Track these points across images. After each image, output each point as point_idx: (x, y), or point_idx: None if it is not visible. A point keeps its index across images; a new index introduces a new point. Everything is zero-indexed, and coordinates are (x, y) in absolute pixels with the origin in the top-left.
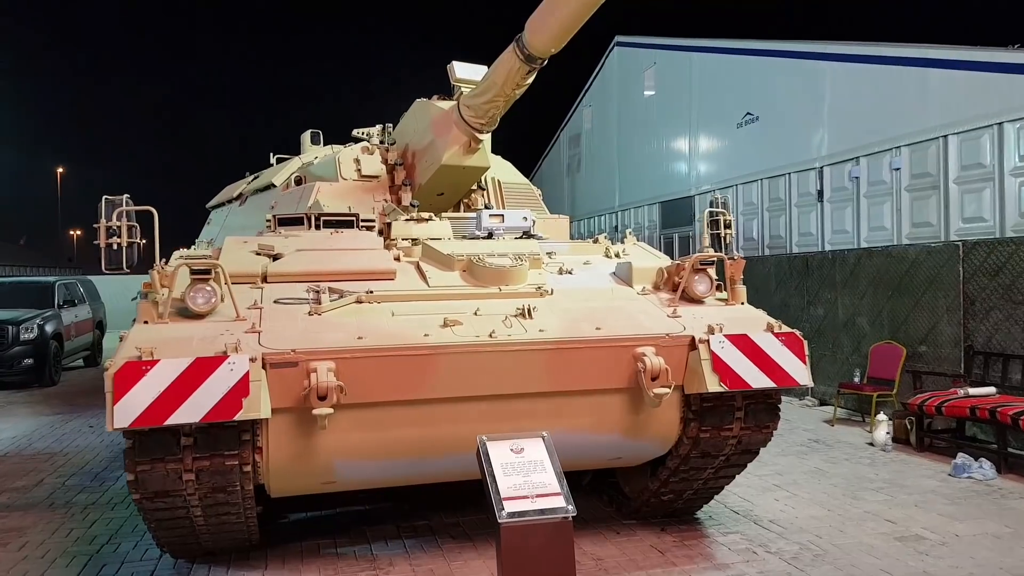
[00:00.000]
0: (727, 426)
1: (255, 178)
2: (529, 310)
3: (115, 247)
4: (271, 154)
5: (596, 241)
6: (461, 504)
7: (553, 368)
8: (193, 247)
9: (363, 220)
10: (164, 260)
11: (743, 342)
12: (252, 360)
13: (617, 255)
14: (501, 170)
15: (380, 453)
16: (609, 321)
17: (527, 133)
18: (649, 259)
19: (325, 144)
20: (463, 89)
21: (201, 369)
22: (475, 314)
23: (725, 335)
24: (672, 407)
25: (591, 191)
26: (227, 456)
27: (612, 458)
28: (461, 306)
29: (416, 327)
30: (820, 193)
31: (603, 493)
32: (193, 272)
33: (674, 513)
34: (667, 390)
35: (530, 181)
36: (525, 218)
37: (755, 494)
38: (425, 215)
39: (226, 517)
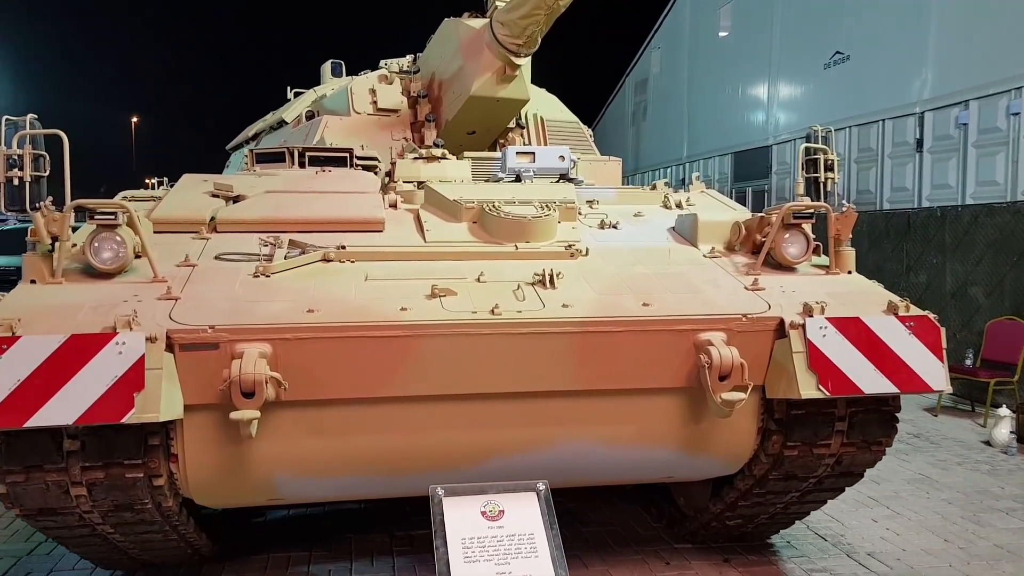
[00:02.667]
0: (823, 442)
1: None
2: (551, 277)
3: (16, 182)
4: (288, 88)
5: (653, 188)
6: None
7: (580, 359)
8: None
9: (369, 159)
10: (51, 199)
11: (854, 329)
12: (150, 340)
13: (679, 206)
14: (544, 105)
15: (336, 468)
16: (662, 294)
17: (589, 79)
18: (721, 211)
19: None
20: (497, 3)
21: (78, 351)
22: (477, 280)
23: (828, 318)
24: (746, 415)
25: (657, 141)
26: (127, 466)
27: (660, 477)
28: (462, 269)
29: (393, 297)
30: (919, 142)
31: (651, 505)
32: (93, 216)
33: (741, 537)
34: (741, 396)
35: (592, 131)
36: (562, 157)
37: (846, 511)
38: (437, 152)
39: (148, 536)
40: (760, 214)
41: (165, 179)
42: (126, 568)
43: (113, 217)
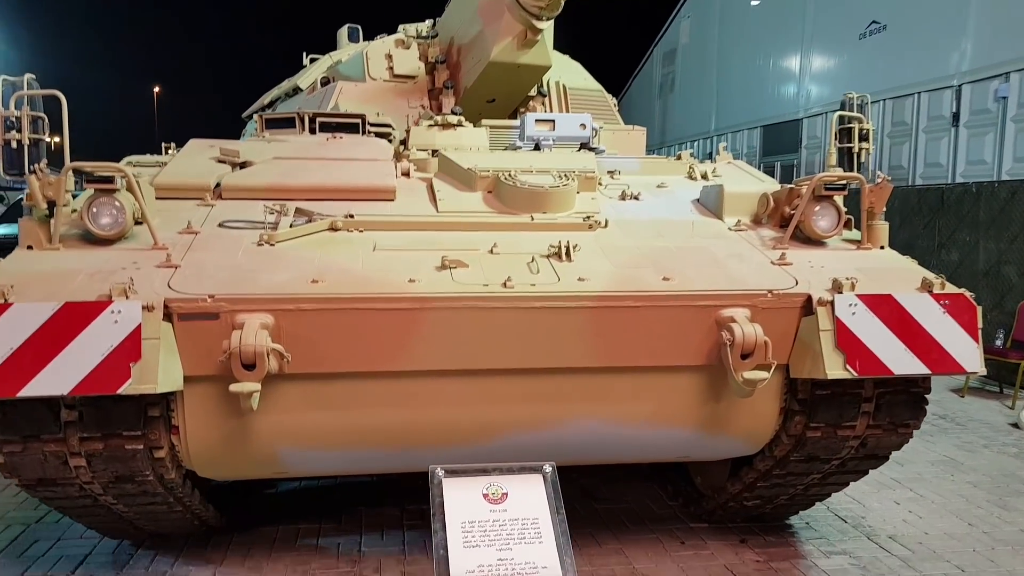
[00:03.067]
0: (848, 423)
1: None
2: (568, 249)
3: (14, 145)
4: (304, 54)
5: (678, 158)
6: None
7: (596, 335)
8: None
9: (383, 126)
10: (46, 162)
11: (885, 306)
12: (147, 309)
13: (704, 177)
14: (567, 72)
15: (341, 442)
16: (684, 268)
17: (616, 49)
18: (748, 182)
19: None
20: None
21: (72, 319)
22: (490, 252)
23: (858, 295)
24: (768, 395)
25: (685, 114)
26: (127, 438)
27: (677, 456)
28: (475, 240)
29: (401, 268)
30: (955, 116)
31: (667, 482)
32: (91, 180)
33: (759, 518)
34: (764, 375)
35: (617, 103)
36: (583, 125)
37: (868, 492)
38: (453, 119)
39: (152, 508)
40: (789, 185)
41: (173, 144)
42: (133, 538)
43: (111, 181)
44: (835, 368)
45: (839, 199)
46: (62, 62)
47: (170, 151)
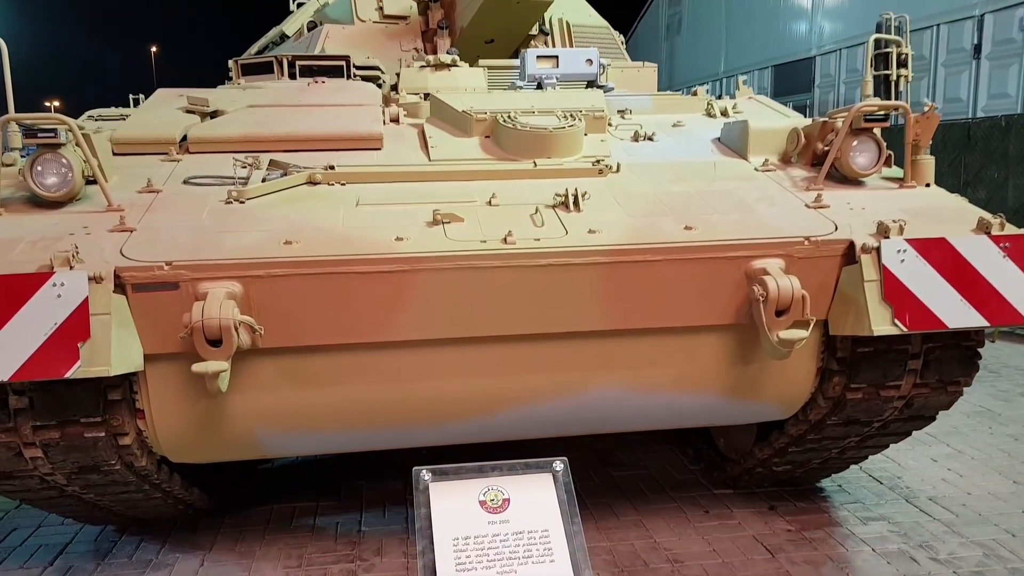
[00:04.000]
0: (892, 383)
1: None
2: (576, 197)
3: None
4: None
5: (694, 94)
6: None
7: (610, 293)
8: None
9: (370, 68)
10: None
11: (938, 251)
12: (94, 280)
13: (724, 113)
14: (570, 9)
15: (326, 423)
16: (708, 215)
17: None
18: (774, 118)
19: None
20: None
21: (8, 294)
22: (489, 204)
23: (907, 240)
24: (804, 354)
25: (693, 56)
26: (85, 425)
27: (701, 423)
28: (471, 191)
29: (387, 225)
30: (976, 48)
31: (688, 445)
32: (30, 134)
33: (788, 482)
34: (802, 334)
35: (624, 47)
36: (590, 61)
37: (903, 450)
38: (447, 59)
39: (126, 496)
40: (822, 118)
41: (142, 96)
42: (115, 524)
43: (53, 135)
44: (882, 323)
45: (879, 132)
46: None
47: (140, 103)
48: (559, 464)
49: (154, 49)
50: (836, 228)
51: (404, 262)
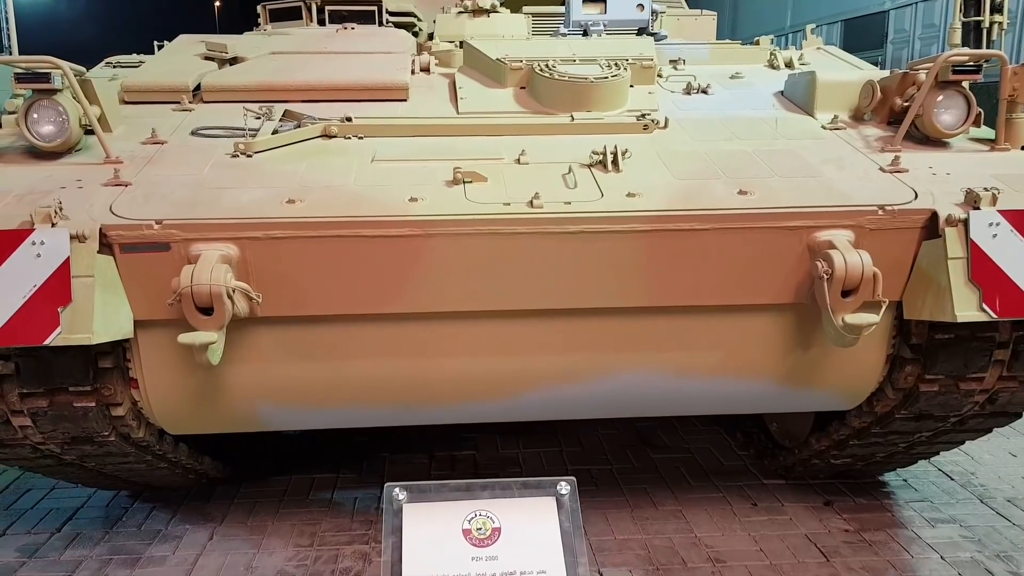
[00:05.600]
0: (974, 374)
1: None
2: (616, 156)
3: None
4: None
5: (756, 44)
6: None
7: (651, 266)
8: None
9: (404, 15)
10: None
11: None
12: (77, 238)
13: (789, 65)
14: None
15: (331, 398)
16: (766, 178)
17: None
18: (845, 69)
19: None
20: None
21: None
22: (517, 162)
23: (1001, 211)
24: (873, 339)
25: (757, 10)
26: (74, 394)
27: (751, 411)
28: (499, 147)
29: (402, 184)
30: None
31: (736, 428)
32: (23, 79)
33: (847, 474)
34: (872, 319)
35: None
36: (641, 6)
37: (978, 442)
38: (486, 3)
39: (128, 466)
40: (903, 71)
41: (166, 43)
42: (126, 490)
43: (47, 80)
44: (967, 307)
45: (967, 85)
46: None
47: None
48: (565, 486)
49: (217, 3)
50: (916, 196)
51: (416, 225)
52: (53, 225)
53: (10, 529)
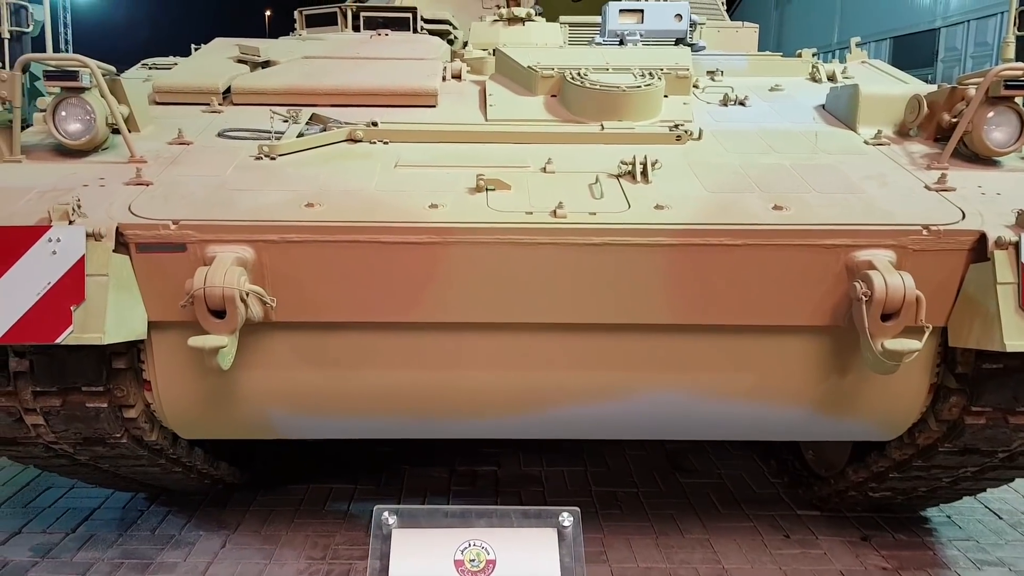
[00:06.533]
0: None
1: None
2: (646, 167)
3: None
4: None
5: (798, 56)
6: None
7: (678, 281)
8: None
9: (440, 22)
10: None
11: None
12: (93, 236)
13: (831, 79)
14: None
15: (346, 407)
16: (804, 193)
17: None
18: (889, 83)
19: None
20: None
21: (4, 248)
22: (543, 170)
23: None
24: (915, 367)
25: (804, 26)
26: (87, 394)
27: (783, 438)
28: (526, 155)
29: (423, 190)
30: None
31: (769, 454)
32: (51, 76)
33: (886, 507)
34: (914, 345)
35: (728, 15)
36: (679, 16)
37: None
38: (522, 12)
39: (142, 469)
40: (951, 85)
41: (203, 45)
42: (143, 492)
43: (75, 78)
44: (1018, 336)
45: (1020, 101)
46: None
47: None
48: (568, 517)
49: (268, 13)
50: (963, 216)
51: (434, 232)
52: (71, 223)
53: (26, 527)
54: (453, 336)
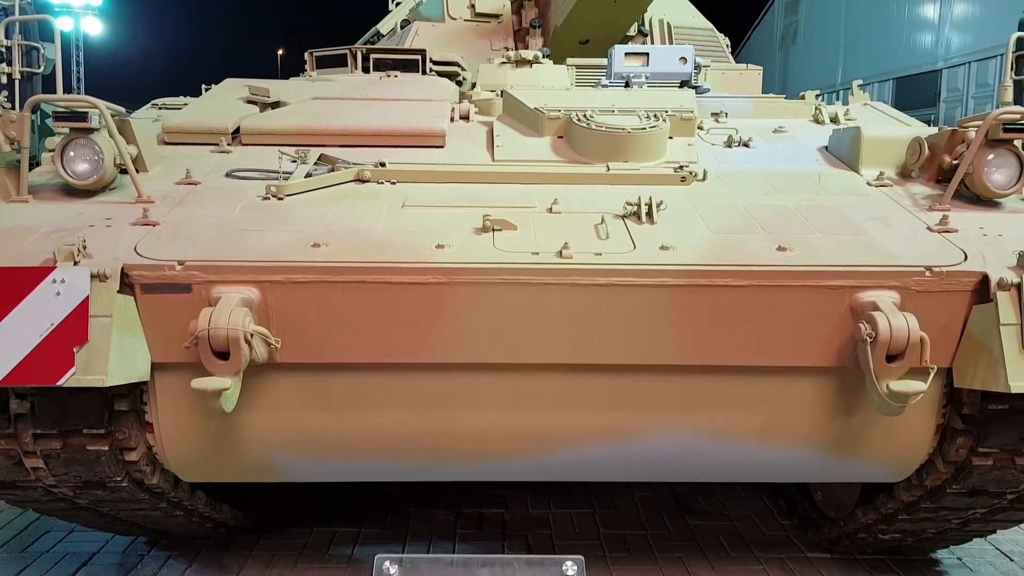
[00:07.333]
0: None
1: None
2: (651, 207)
3: (4, 79)
4: None
5: (801, 98)
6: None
7: (684, 322)
8: None
9: (448, 64)
10: (5, 95)
11: None
12: (98, 277)
13: (834, 120)
14: (672, 9)
15: (353, 450)
16: (807, 235)
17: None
18: (891, 125)
19: None
20: None
21: (6, 289)
22: (549, 211)
23: None
24: (921, 408)
25: (808, 67)
26: (88, 436)
27: (790, 479)
28: (532, 195)
29: (430, 230)
30: None
31: (778, 495)
32: (61, 118)
33: (896, 549)
34: (919, 387)
35: (733, 56)
36: (684, 59)
37: None
38: (529, 55)
39: (142, 512)
40: (951, 128)
41: (213, 86)
42: (144, 535)
43: (85, 119)
44: (1022, 377)
45: (1020, 144)
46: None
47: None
48: (572, 566)
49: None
50: (966, 257)
51: (440, 273)
52: (75, 263)
53: (24, 572)
54: (460, 377)
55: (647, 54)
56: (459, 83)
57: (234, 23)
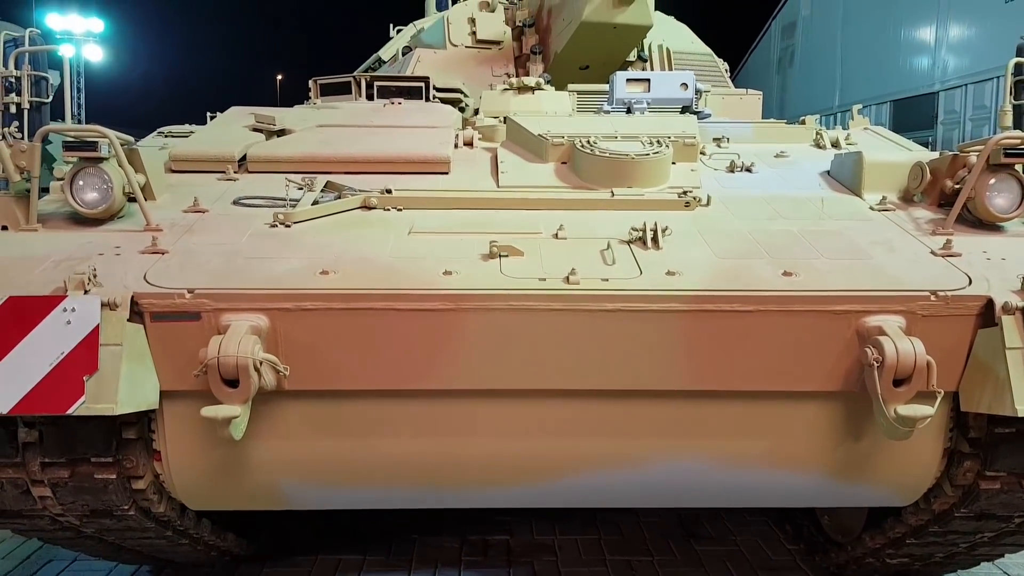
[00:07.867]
0: None
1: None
2: (656, 233)
3: (13, 109)
4: (391, 26)
5: (802, 123)
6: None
7: (690, 347)
8: None
9: (451, 91)
10: (16, 124)
11: None
12: (108, 306)
13: (835, 145)
14: (671, 35)
15: (359, 477)
16: (812, 259)
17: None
18: (892, 150)
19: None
20: None
21: (17, 318)
22: (555, 237)
23: None
24: (928, 432)
25: (805, 90)
26: (96, 465)
27: (798, 504)
28: (538, 221)
29: (437, 256)
30: None
31: (785, 519)
32: (70, 147)
33: (904, 574)
34: (926, 411)
35: (731, 80)
36: (685, 85)
37: None
38: (531, 81)
39: (148, 541)
40: (953, 152)
41: (219, 114)
42: (148, 564)
43: (94, 148)
44: None
45: (1021, 168)
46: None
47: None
48: None
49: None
50: (970, 281)
51: (448, 299)
52: (86, 292)
53: None
54: (467, 403)
55: (648, 80)
56: (462, 110)
57: (234, 49)
